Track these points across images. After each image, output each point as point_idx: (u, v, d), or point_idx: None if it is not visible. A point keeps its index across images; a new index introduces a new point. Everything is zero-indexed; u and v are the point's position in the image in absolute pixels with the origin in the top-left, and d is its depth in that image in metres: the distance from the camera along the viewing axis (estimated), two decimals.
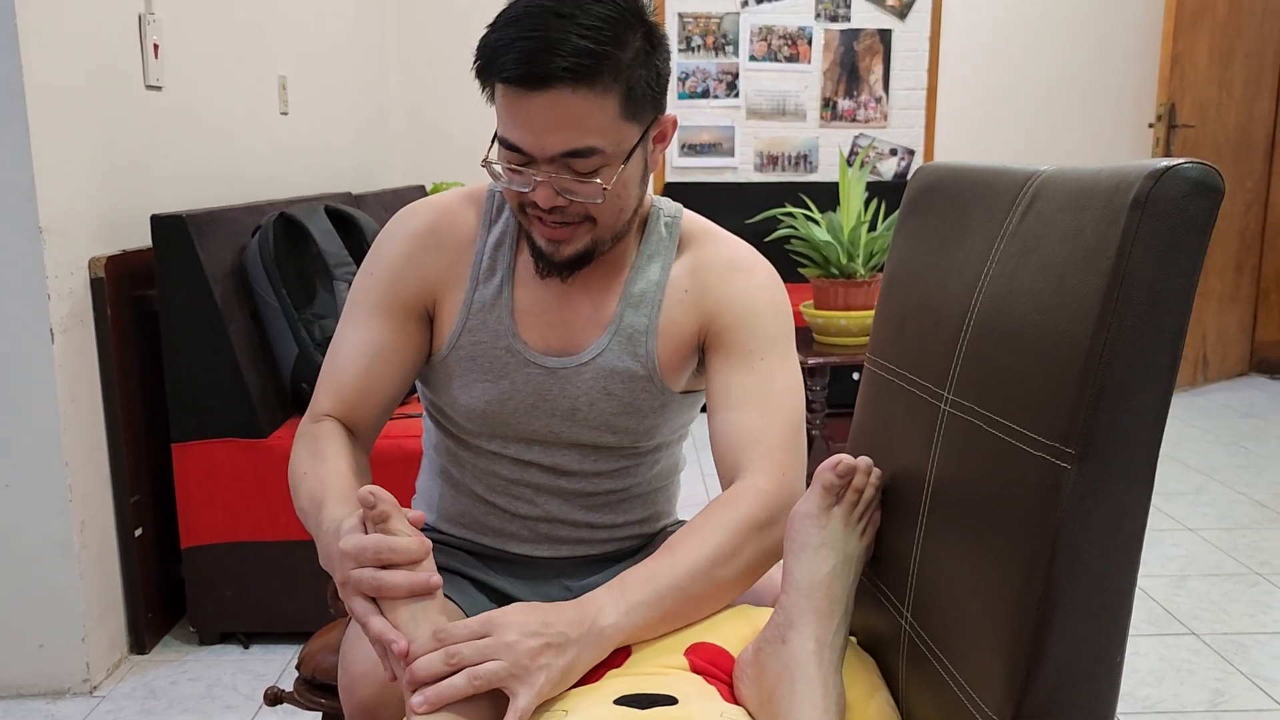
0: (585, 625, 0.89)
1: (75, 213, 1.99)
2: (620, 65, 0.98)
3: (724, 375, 1.12)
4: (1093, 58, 4.73)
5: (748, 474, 1.05)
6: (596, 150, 1.00)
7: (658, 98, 1.04)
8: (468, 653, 0.84)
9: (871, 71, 4.69)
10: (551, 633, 0.87)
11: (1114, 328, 0.68)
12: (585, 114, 0.97)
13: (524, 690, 0.84)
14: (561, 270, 1.10)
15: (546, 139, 0.99)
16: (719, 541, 0.99)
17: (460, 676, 0.83)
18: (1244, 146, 4.46)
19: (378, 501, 0.87)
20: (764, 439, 1.07)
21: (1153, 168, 0.68)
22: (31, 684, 2.02)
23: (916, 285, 0.97)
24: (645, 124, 1.04)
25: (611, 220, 1.07)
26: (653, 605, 0.94)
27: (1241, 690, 2.03)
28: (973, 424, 0.81)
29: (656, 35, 1.03)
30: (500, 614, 0.87)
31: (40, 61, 1.88)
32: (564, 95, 0.96)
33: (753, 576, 1.03)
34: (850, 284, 3.06)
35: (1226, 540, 2.80)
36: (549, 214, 1.04)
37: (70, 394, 1.97)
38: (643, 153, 1.06)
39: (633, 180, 1.06)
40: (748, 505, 1.02)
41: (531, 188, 1.02)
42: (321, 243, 2.35)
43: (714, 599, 0.99)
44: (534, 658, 0.85)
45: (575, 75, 0.95)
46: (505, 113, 1.00)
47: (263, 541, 2.16)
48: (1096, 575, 0.71)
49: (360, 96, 3.98)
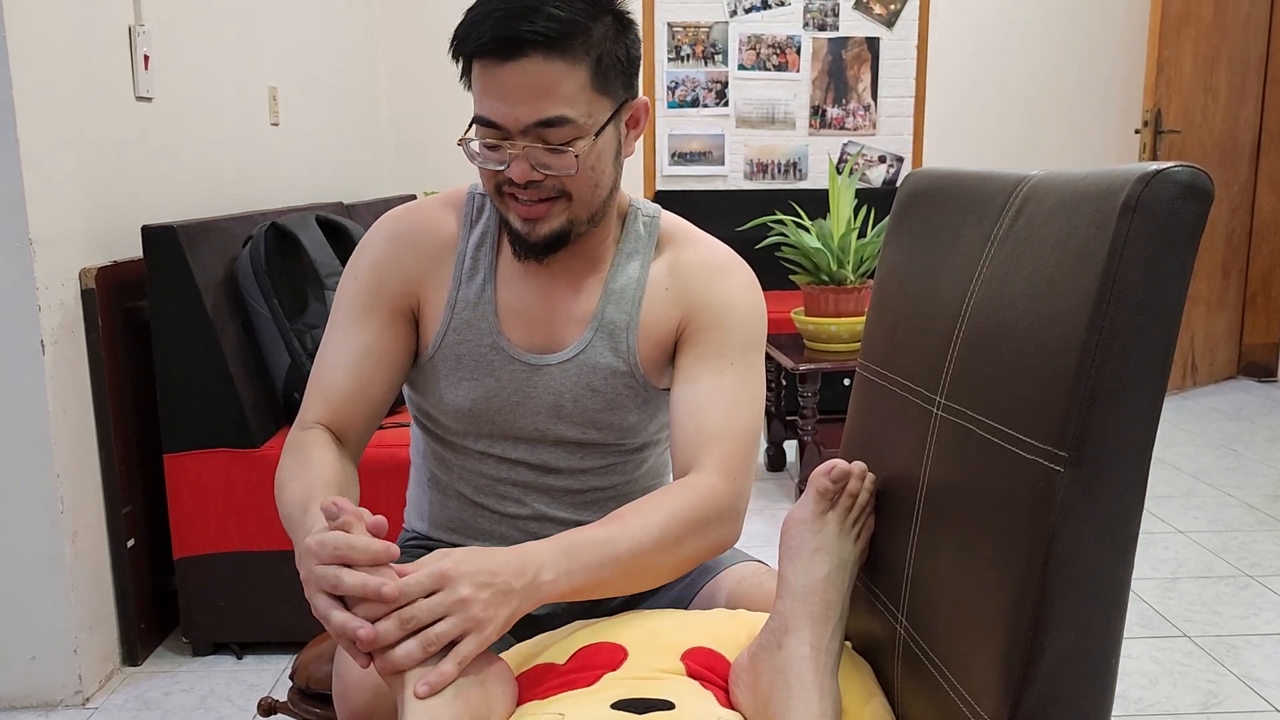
0: (527, 577, 0.91)
1: (66, 224, 1.99)
2: (591, 37, 1.02)
3: (693, 372, 1.13)
4: (1079, 64, 4.76)
5: (704, 471, 1.07)
6: (568, 120, 1.03)
7: (629, 78, 1.08)
8: (421, 615, 0.85)
9: (860, 79, 4.71)
10: (499, 583, 0.89)
11: (1105, 331, 0.68)
12: (556, 81, 1.01)
13: (472, 638, 0.86)
14: (538, 252, 1.11)
15: (519, 110, 1.02)
16: (665, 528, 1.01)
17: (413, 642, 0.84)
18: (1230, 151, 4.49)
19: (340, 512, 0.87)
20: (724, 442, 1.09)
21: (1143, 171, 0.68)
22: (23, 696, 2.01)
23: (908, 290, 0.97)
24: (617, 101, 1.07)
25: (586, 195, 1.09)
26: (591, 572, 0.96)
27: (1234, 692, 2.04)
28: (965, 428, 0.82)
29: (625, 19, 1.07)
30: (452, 565, 0.87)
31: (30, 73, 1.87)
32: (536, 63, 1.00)
33: (685, 568, 1.06)
34: (840, 290, 3.07)
35: (1217, 542, 2.81)
36: (524, 190, 1.06)
37: (61, 405, 1.96)
38: (615, 131, 1.09)
39: (606, 156, 1.08)
40: (700, 500, 1.04)
41: (506, 164, 1.05)
42: (313, 252, 2.35)
43: (646, 580, 1.03)
44: (484, 609, 0.87)
45: (548, 41, 0.99)
46: (480, 87, 1.04)
47: (256, 551, 2.15)
48: (1091, 577, 0.71)
49: (350, 107, 3.98)
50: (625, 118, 1.10)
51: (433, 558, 0.89)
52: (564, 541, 0.96)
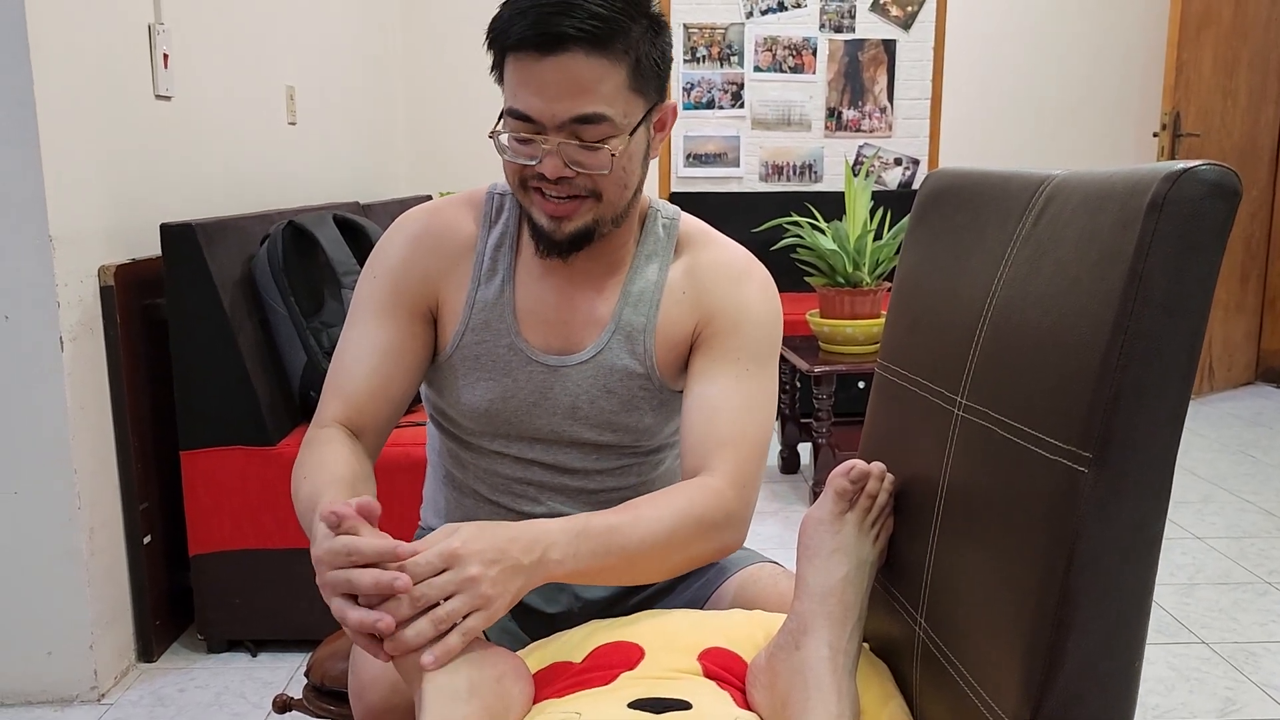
0: (536, 553, 0.92)
1: (85, 221, 2.00)
2: (630, 37, 1.02)
3: (707, 375, 1.13)
4: (1097, 67, 4.73)
5: (715, 474, 1.07)
6: (605, 117, 1.02)
7: (661, 80, 1.08)
8: (431, 593, 0.85)
9: (876, 81, 4.69)
10: (508, 559, 0.89)
11: (1131, 330, 0.68)
12: (596, 79, 1.01)
13: (480, 615, 0.87)
14: (563, 249, 1.11)
15: (557, 105, 1.01)
16: (676, 527, 1.01)
17: (424, 621, 0.84)
18: (1249, 155, 4.45)
19: (341, 519, 0.87)
20: (735, 449, 1.09)
21: (1169, 170, 0.68)
22: (40, 691, 2.02)
23: (928, 290, 0.97)
24: (650, 102, 1.07)
25: (615, 195, 1.08)
26: (598, 558, 0.96)
27: (1252, 700, 2.02)
28: (987, 428, 0.81)
29: (660, 22, 1.07)
30: (460, 544, 0.87)
31: (50, 71, 1.89)
32: (577, 59, 0.99)
33: (686, 568, 1.07)
34: (856, 293, 3.06)
35: (1235, 549, 2.79)
36: (554, 185, 1.06)
37: (79, 401, 1.97)
38: (646, 133, 1.09)
39: (636, 157, 1.08)
40: (709, 501, 1.04)
41: (539, 159, 1.04)
42: (330, 251, 2.36)
43: (648, 574, 1.03)
44: (493, 586, 0.87)
45: (590, 38, 0.99)
46: (516, 81, 1.02)
47: (271, 549, 2.15)
48: (1114, 579, 0.70)
49: (367, 107, 3.99)
50: (655, 119, 1.10)
51: (440, 534, 0.89)
52: (575, 524, 0.97)
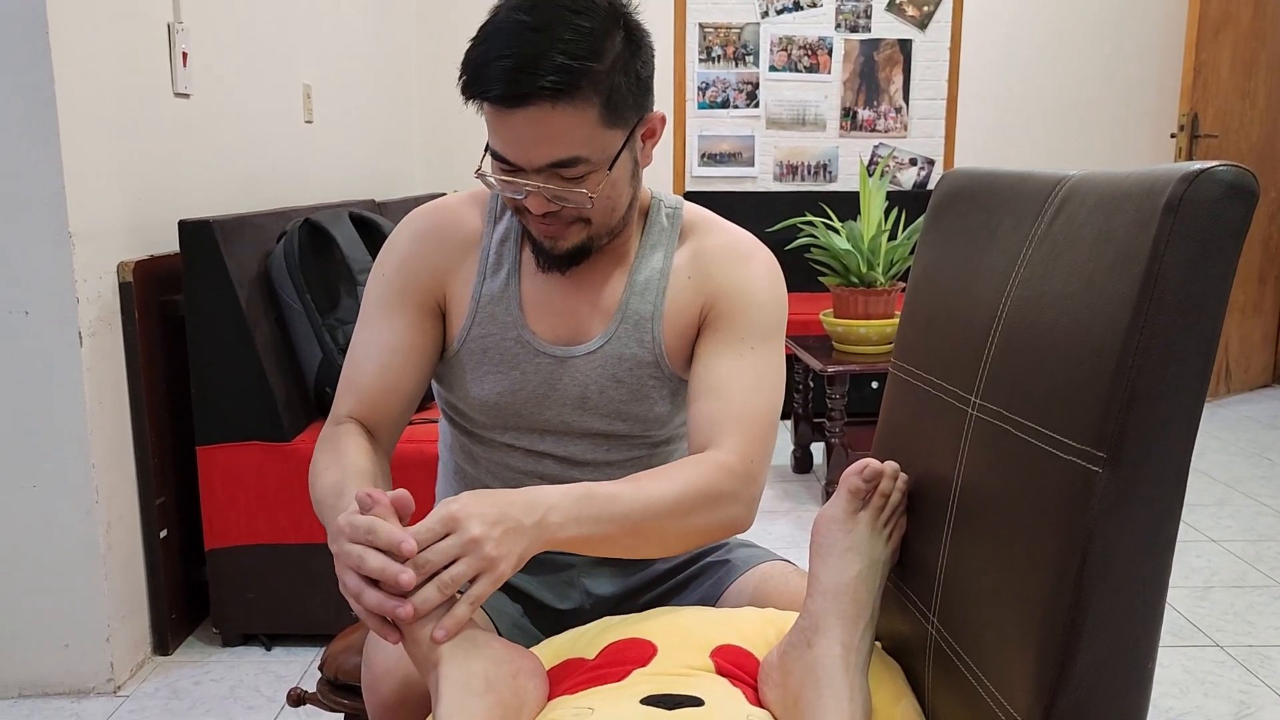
0: (537, 514, 0.92)
1: (104, 218, 2.02)
2: (598, 77, 1.00)
3: (713, 355, 1.14)
4: (1114, 68, 4.71)
5: (720, 449, 1.07)
6: (581, 159, 1.02)
7: (640, 99, 1.06)
8: (435, 558, 0.86)
9: (891, 81, 4.68)
10: (509, 520, 0.89)
11: (1146, 331, 0.67)
12: (566, 127, 1.00)
13: (485, 579, 0.87)
14: (561, 264, 1.13)
15: (531, 152, 1.02)
16: (680, 496, 1.01)
17: (429, 587, 0.85)
18: (1268, 157, 4.42)
19: (374, 504, 0.88)
20: (741, 425, 1.09)
21: (1186, 170, 0.68)
22: (57, 683, 2.04)
23: (943, 289, 0.97)
24: (629, 127, 1.06)
25: (604, 219, 1.10)
26: (599, 524, 0.96)
27: (1267, 703, 2.01)
28: (1001, 428, 0.81)
29: (636, 36, 1.05)
30: (460, 508, 0.88)
31: (71, 69, 1.90)
32: (543, 111, 0.98)
33: (692, 542, 1.05)
34: (870, 293, 3.06)
35: (1250, 552, 2.77)
36: (541, 218, 1.08)
37: (98, 396, 1.99)
38: (630, 154, 1.08)
39: (622, 181, 1.09)
40: (715, 474, 1.04)
41: (523, 195, 1.05)
42: (346, 248, 2.37)
43: (652, 546, 1.02)
44: (496, 547, 0.87)
45: (554, 93, 0.97)
46: (491, 127, 1.03)
47: (286, 544, 2.17)
48: (1128, 580, 0.70)
49: (382, 105, 4.01)
50: (642, 132, 1.09)
51: (440, 505, 0.90)
52: (576, 490, 0.97)
